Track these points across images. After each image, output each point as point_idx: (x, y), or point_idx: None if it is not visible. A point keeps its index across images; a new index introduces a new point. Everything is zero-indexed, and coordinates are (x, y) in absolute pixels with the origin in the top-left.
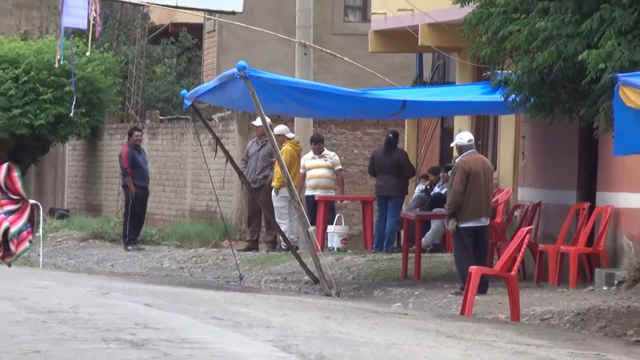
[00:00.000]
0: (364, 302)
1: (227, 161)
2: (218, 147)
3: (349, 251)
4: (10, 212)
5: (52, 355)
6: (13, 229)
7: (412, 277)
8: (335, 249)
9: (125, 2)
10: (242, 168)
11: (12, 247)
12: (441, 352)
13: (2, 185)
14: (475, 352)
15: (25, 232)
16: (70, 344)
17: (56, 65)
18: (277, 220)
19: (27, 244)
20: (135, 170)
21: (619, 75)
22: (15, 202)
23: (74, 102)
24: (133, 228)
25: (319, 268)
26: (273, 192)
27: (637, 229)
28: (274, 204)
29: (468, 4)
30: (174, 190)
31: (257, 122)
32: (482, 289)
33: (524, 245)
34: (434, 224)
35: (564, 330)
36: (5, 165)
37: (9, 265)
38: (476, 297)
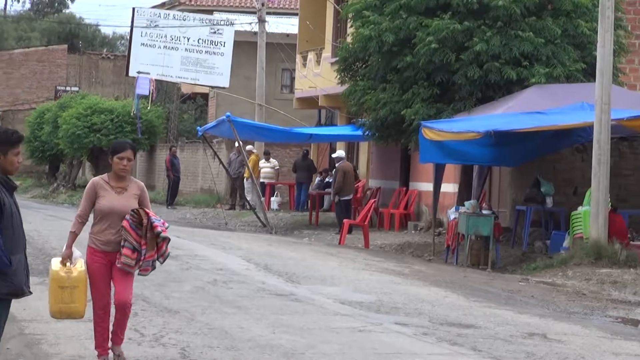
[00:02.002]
0: (289, 237)
1: (219, 164)
2: (215, 156)
3: (282, 211)
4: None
5: None
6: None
7: (314, 224)
8: (275, 210)
9: (169, 81)
10: (227, 167)
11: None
12: (328, 263)
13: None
14: (345, 263)
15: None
16: None
17: (132, 114)
18: (245, 194)
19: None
20: (172, 167)
21: (422, 122)
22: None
23: (139, 132)
24: (171, 197)
25: (266, 219)
26: (244, 180)
27: (429, 201)
28: (245, 186)
29: (344, 84)
30: (192, 178)
31: (236, 144)
32: (349, 231)
33: (371, 209)
34: (327, 198)
35: (392, 253)
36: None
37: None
38: (346, 235)
